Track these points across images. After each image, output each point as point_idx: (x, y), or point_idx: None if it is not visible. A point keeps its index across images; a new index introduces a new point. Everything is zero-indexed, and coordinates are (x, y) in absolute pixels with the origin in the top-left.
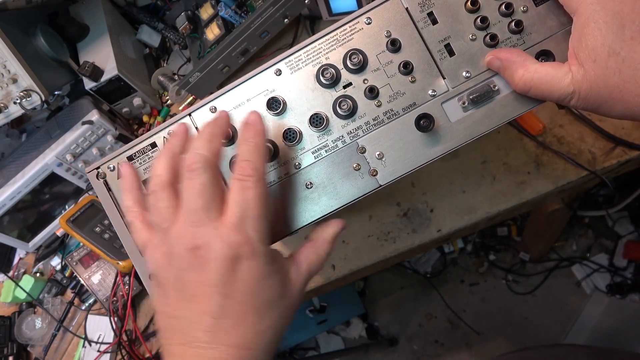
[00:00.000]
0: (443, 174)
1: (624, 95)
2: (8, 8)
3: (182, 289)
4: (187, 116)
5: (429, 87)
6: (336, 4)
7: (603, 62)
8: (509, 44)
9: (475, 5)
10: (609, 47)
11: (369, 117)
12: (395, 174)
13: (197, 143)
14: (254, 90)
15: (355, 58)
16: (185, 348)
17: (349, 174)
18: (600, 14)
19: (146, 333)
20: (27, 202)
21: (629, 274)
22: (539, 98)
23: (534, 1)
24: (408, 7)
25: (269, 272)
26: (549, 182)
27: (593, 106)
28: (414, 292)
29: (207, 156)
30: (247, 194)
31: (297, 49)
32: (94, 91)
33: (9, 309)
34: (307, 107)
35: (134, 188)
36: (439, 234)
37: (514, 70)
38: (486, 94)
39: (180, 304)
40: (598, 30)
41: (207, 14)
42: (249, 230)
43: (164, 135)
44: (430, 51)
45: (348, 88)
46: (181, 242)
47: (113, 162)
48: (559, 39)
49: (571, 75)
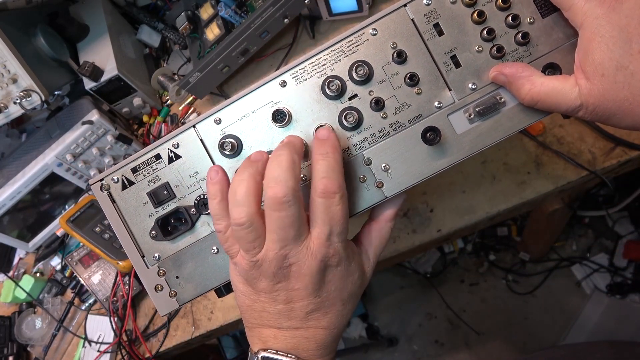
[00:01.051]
0: (443, 174)
1: (633, 107)
2: (8, 8)
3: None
4: (192, 128)
5: (435, 99)
6: (336, 4)
7: (611, 76)
8: (516, 55)
9: (481, 17)
10: (617, 62)
11: (375, 129)
12: (401, 185)
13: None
14: (258, 102)
15: (361, 69)
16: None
17: (355, 186)
18: (606, 28)
19: (146, 333)
20: (27, 202)
21: (629, 274)
22: (546, 110)
23: (540, 13)
24: (414, 19)
25: (351, 271)
26: (549, 182)
27: (601, 118)
28: (414, 292)
29: (294, 187)
30: (333, 211)
31: (302, 60)
32: (94, 91)
33: (9, 309)
34: (312, 119)
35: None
36: (439, 234)
37: (520, 85)
38: (492, 106)
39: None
40: (605, 45)
41: (207, 14)
42: (335, 242)
43: (168, 147)
44: (437, 63)
45: (354, 100)
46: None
47: (117, 174)
48: (565, 51)
49: (578, 89)
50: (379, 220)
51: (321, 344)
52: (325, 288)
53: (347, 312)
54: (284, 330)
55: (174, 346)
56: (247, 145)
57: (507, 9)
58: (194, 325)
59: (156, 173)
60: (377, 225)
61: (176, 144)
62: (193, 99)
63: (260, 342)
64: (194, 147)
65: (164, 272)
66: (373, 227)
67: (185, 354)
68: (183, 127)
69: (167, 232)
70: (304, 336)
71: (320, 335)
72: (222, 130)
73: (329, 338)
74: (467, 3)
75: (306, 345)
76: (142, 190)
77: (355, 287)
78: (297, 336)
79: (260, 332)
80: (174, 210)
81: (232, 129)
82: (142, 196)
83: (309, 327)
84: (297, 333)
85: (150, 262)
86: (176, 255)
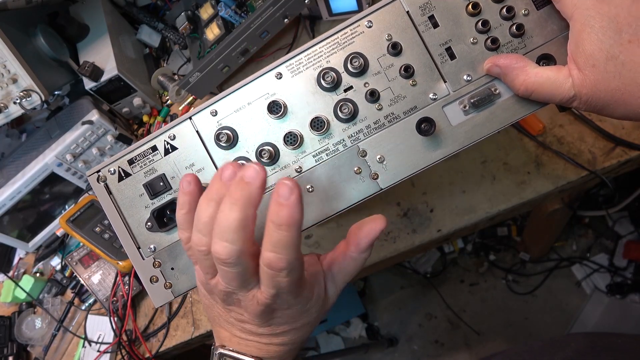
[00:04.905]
0: (443, 174)
1: (625, 97)
2: (8, 8)
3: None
4: (188, 119)
5: (430, 90)
6: (336, 4)
7: (602, 67)
8: (510, 47)
9: (476, 9)
10: (607, 52)
11: (370, 120)
12: (396, 177)
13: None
14: (254, 94)
15: (356, 61)
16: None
17: (350, 178)
18: (596, 19)
19: (146, 333)
20: (27, 202)
21: (629, 274)
22: (541, 101)
23: (535, 4)
24: (409, 11)
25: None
26: (549, 182)
27: (595, 109)
28: (414, 292)
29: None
30: (279, 281)
31: (298, 52)
32: (94, 91)
33: (9, 309)
34: (308, 111)
35: (191, 210)
36: (439, 234)
37: (514, 77)
38: (487, 97)
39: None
40: (595, 36)
41: (207, 14)
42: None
43: (165, 139)
44: (431, 55)
45: (349, 91)
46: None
47: (114, 166)
48: (560, 42)
49: (572, 80)
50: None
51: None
52: (275, 321)
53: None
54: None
55: (174, 346)
56: (243, 137)
57: (502, 1)
58: (194, 325)
59: (152, 165)
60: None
61: (172, 135)
62: (193, 99)
63: (219, 340)
64: (190, 138)
65: (160, 264)
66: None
67: (185, 354)
68: (179, 119)
69: (163, 224)
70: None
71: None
72: (218, 122)
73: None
74: None
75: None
76: (138, 181)
77: (311, 317)
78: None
79: (219, 332)
80: (169, 202)
81: (228, 120)
82: (138, 188)
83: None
84: (250, 342)
85: (146, 253)
86: (171, 247)
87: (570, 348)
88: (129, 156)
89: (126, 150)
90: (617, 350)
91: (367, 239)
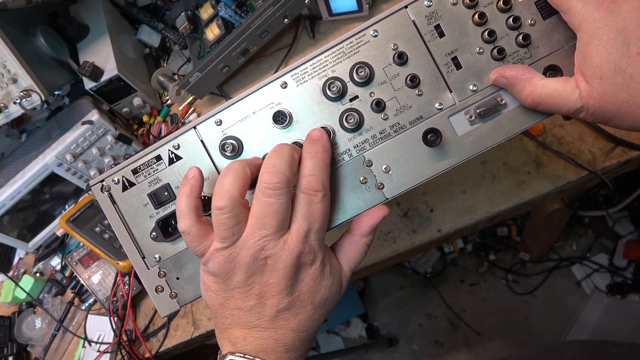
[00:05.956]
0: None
1: (633, 109)
2: (8, 8)
3: (248, 289)
4: (192, 129)
5: (435, 100)
6: (336, 3)
7: (610, 79)
8: (516, 57)
9: (482, 19)
10: (615, 64)
11: (376, 130)
12: (402, 187)
13: (279, 162)
14: (259, 103)
15: (361, 71)
16: (247, 331)
17: (356, 187)
18: (604, 31)
19: (146, 333)
20: (27, 202)
21: (629, 274)
22: (547, 112)
23: (541, 14)
24: (415, 20)
25: (325, 274)
26: (549, 182)
27: (602, 120)
28: (414, 292)
29: (289, 178)
30: (314, 208)
31: (303, 62)
32: (94, 91)
33: (9, 309)
34: (313, 120)
35: (195, 196)
36: (439, 234)
37: (521, 88)
38: (493, 107)
39: (245, 300)
40: (603, 48)
41: (207, 14)
42: (312, 240)
43: (169, 148)
44: (437, 64)
45: (354, 101)
46: (249, 253)
47: (117, 175)
48: (566, 53)
49: (579, 92)
50: (354, 234)
51: (289, 347)
52: (298, 287)
53: (318, 317)
54: (253, 330)
55: (173, 346)
56: (248, 146)
57: (508, 11)
58: (194, 325)
59: (157, 174)
60: (353, 239)
61: (177, 145)
62: (193, 99)
63: (230, 344)
64: (194, 148)
65: (165, 274)
66: (349, 240)
67: (185, 354)
68: (184, 128)
69: (168, 234)
70: (273, 337)
71: (289, 337)
72: (222, 131)
73: (297, 341)
74: (468, 4)
75: (274, 347)
76: (142, 191)
77: (328, 292)
78: (266, 337)
79: (230, 334)
80: (174, 212)
81: (233, 130)
82: (142, 197)
83: (279, 328)
84: (266, 334)
85: (151, 263)
86: (177, 257)
87: (566, 358)
88: (132, 166)
89: (130, 160)
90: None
91: (370, 223)
